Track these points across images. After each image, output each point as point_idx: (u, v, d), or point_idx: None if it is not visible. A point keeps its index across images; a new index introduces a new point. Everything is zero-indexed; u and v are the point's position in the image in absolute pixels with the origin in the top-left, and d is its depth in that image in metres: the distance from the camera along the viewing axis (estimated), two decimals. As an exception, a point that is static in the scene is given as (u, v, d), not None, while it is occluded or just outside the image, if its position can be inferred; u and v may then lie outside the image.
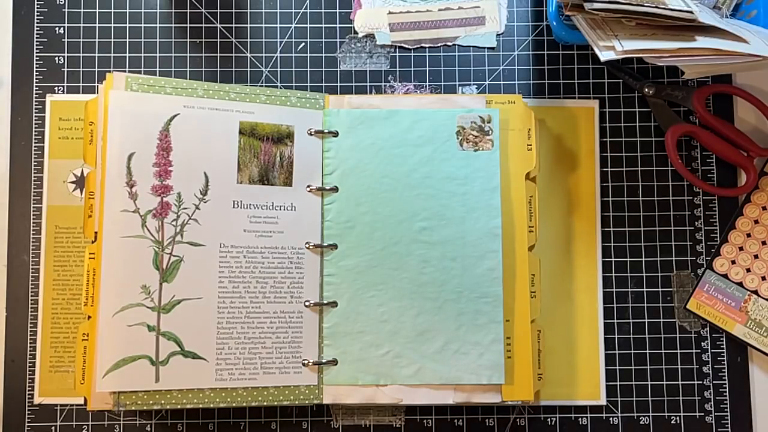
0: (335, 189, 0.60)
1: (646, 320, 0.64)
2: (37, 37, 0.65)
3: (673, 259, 0.65)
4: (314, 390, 0.58)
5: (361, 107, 0.61)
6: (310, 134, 0.60)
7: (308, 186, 0.60)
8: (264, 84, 0.66)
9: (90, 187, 0.57)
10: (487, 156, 0.60)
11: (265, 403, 0.57)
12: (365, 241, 0.60)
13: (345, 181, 0.60)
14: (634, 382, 0.64)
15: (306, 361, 0.58)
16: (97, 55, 0.65)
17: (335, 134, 0.61)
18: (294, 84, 0.66)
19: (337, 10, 0.67)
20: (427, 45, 0.66)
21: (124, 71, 0.65)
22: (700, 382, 0.64)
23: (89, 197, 0.56)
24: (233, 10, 0.67)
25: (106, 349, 0.55)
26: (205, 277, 0.57)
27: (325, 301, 0.59)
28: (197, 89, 0.59)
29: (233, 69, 0.66)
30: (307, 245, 0.59)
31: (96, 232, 0.56)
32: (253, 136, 0.59)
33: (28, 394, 0.62)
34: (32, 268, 0.63)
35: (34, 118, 0.65)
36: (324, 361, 0.59)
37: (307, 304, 0.59)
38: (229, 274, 0.57)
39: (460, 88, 0.66)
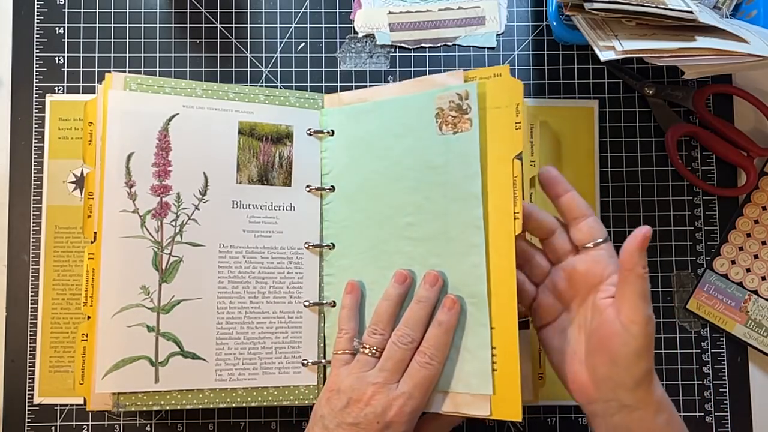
0: (333, 188, 0.60)
1: (646, 320, 0.64)
2: (37, 37, 0.66)
3: (673, 259, 0.65)
4: (314, 390, 0.58)
5: (352, 103, 0.60)
6: (309, 134, 0.60)
7: (307, 186, 0.60)
8: (264, 84, 0.66)
9: (89, 188, 0.56)
10: (466, 138, 0.53)
11: (265, 403, 0.57)
12: (358, 240, 0.58)
13: (340, 179, 0.59)
14: (633, 383, 0.63)
15: (305, 361, 0.58)
16: (97, 55, 0.65)
17: (332, 134, 0.60)
18: (294, 84, 0.66)
19: (337, 10, 0.67)
20: (427, 45, 0.66)
21: (124, 71, 0.65)
22: (700, 382, 0.64)
23: (89, 197, 0.56)
24: (233, 10, 0.67)
25: (105, 349, 0.55)
26: (204, 278, 0.57)
27: (324, 301, 0.59)
28: (196, 89, 0.58)
29: (233, 69, 0.66)
30: (306, 245, 0.59)
31: (95, 233, 0.56)
32: (253, 136, 0.59)
33: (28, 394, 0.62)
34: (32, 268, 0.63)
35: (34, 118, 0.65)
36: (323, 361, 0.59)
37: (306, 304, 0.59)
38: (228, 275, 0.57)
39: (459, 88, 0.66)
